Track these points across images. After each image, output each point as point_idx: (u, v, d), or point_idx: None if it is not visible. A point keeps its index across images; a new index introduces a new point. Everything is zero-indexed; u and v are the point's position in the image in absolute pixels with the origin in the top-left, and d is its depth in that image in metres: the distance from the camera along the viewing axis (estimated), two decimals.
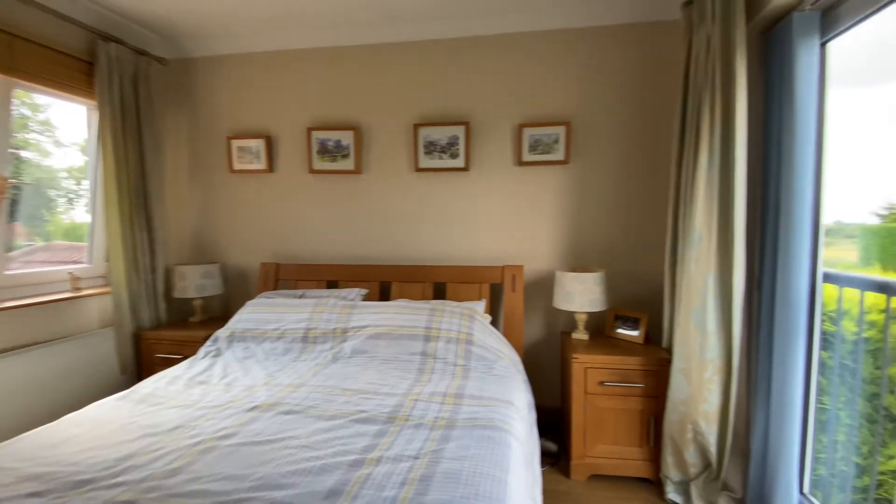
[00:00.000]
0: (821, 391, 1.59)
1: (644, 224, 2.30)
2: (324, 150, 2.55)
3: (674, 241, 1.95)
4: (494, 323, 2.35)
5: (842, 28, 1.45)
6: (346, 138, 2.52)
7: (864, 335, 1.42)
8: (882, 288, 1.36)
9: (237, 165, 2.66)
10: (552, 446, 2.15)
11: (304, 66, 2.57)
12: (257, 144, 2.62)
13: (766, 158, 1.72)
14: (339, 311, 2.10)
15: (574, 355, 1.94)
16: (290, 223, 2.65)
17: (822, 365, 1.58)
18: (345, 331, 2.01)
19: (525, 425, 1.49)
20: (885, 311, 1.34)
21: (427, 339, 1.91)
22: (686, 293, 1.76)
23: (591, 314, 2.20)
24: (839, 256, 1.61)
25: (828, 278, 1.58)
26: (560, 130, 2.31)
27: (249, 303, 2.28)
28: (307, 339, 2.03)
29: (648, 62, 2.26)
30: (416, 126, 2.43)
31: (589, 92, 2.32)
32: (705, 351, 1.69)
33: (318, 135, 2.54)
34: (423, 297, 2.34)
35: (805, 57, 1.51)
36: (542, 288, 2.41)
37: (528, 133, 2.34)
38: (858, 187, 1.54)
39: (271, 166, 2.64)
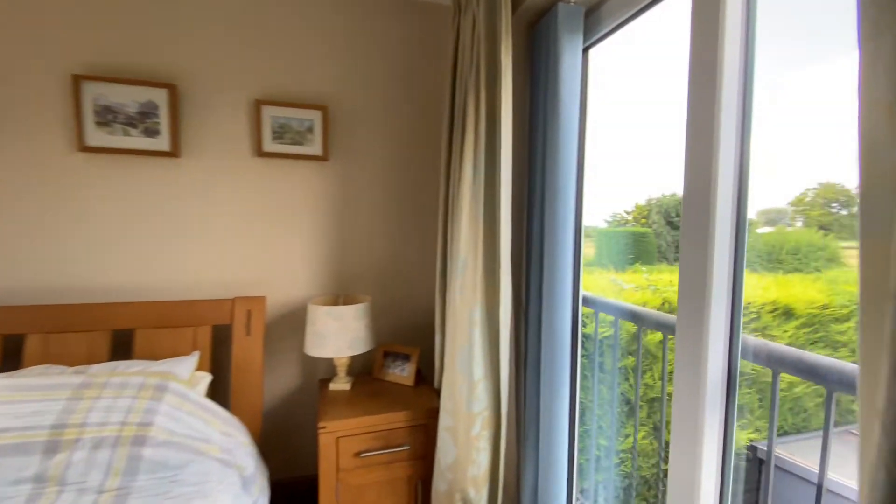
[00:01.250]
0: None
1: (421, 240, 1.95)
2: None
3: (444, 265, 1.63)
4: (219, 383, 1.65)
5: (602, 33, 1.30)
6: None
7: (609, 333, 1.58)
8: (634, 317, 1.42)
9: None
10: None
11: None
12: None
13: (532, 169, 1.53)
14: None
15: (321, 424, 1.42)
16: None
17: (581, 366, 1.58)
18: None
19: None
20: (637, 339, 1.43)
21: (52, 448, 1.09)
22: (451, 331, 1.43)
23: (354, 356, 1.74)
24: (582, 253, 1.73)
25: (586, 302, 1.54)
26: (315, 115, 1.76)
27: None
28: None
29: (427, 48, 1.90)
30: (79, 79, 1.50)
31: (354, 71, 1.82)
32: (472, 403, 1.39)
33: None
34: (91, 359, 1.46)
35: (570, 59, 1.32)
36: (298, 321, 1.82)
37: (270, 113, 1.71)
38: (595, 196, 1.56)
39: None
